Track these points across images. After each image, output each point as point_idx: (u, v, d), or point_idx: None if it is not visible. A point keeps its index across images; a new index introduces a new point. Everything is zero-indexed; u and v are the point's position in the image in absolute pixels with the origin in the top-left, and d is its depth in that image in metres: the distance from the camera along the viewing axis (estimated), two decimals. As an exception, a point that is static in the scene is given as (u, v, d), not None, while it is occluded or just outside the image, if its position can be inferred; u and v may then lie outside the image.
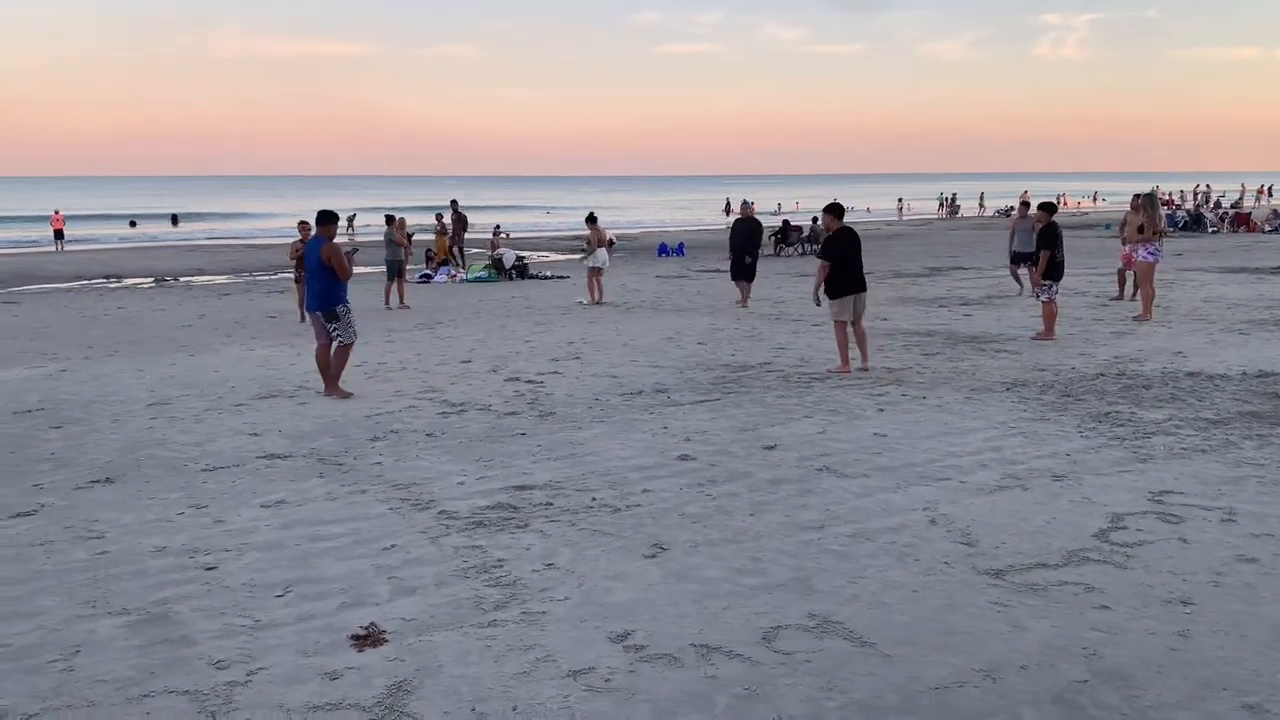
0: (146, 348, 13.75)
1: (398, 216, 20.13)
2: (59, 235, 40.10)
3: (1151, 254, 14.32)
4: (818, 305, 11.33)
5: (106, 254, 37.12)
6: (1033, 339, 12.74)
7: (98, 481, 7.15)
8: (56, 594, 5.12)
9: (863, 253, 10.96)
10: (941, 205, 68.76)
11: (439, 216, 27.60)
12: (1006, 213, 60.82)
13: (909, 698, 3.95)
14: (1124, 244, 15.88)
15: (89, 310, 19.04)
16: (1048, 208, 13.27)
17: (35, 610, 4.91)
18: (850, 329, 10.84)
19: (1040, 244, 12.69)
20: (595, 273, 18.53)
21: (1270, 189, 68.20)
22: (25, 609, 4.93)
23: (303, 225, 15.84)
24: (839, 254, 10.74)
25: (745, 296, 17.44)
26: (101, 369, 12.00)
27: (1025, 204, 19.48)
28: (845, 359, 10.81)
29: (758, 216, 18.97)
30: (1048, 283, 12.65)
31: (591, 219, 18.97)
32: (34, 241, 43.86)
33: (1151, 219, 14.51)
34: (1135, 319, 14.29)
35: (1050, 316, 12.79)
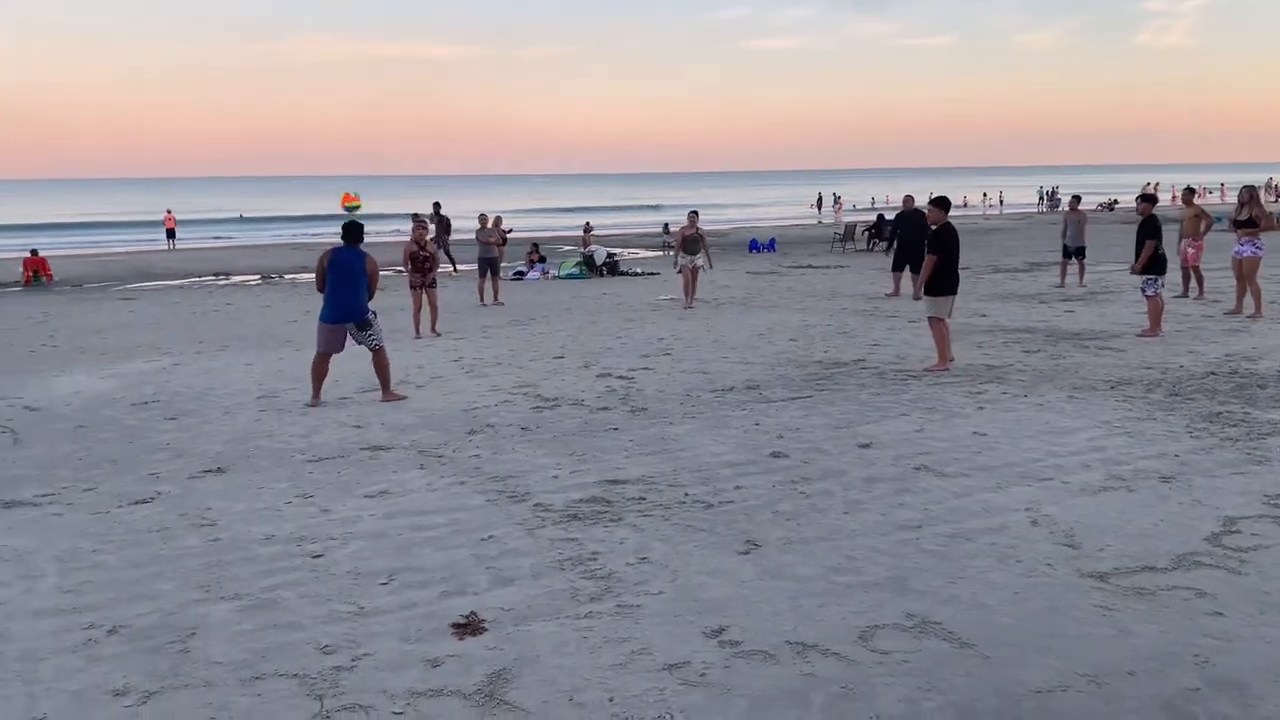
0: (254, 342, 14.22)
1: (491, 215, 20.42)
2: (170, 234, 41.71)
3: (1258, 249, 13.78)
4: (917, 300, 11.16)
5: (215, 252, 38.49)
6: (1138, 336, 12.35)
7: (210, 471, 7.43)
8: (173, 578, 5.34)
9: (961, 247, 10.77)
10: (1041, 199, 67.01)
11: (416, 218, 27.02)
12: (1110, 206, 58.94)
13: (1010, 701, 3.88)
14: (1181, 240, 15.63)
15: (199, 306, 19.77)
16: (1149, 199, 12.86)
17: (154, 593, 5.14)
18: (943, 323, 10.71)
19: (1143, 236, 12.30)
20: (695, 271, 17.36)
21: None
22: (145, 592, 5.16)
23: (417, 221, 15.71)
24: (946, 249, 10.57)
25: (898, 288, 17.49)
26: (212, 363, 12.46)
27: (1077, 198, 19.92)
28: (944, 353, 10.64)
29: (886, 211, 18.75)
30: (1152, 277, 12.25)
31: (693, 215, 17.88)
32: (148, 240, 45.72)
33: (1262, 212, 13.98)
34: (1235, 314, 13.77)
35: (1156, 312, 12.37)
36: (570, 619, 4.69)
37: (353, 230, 9.94)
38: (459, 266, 25.83)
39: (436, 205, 27.37)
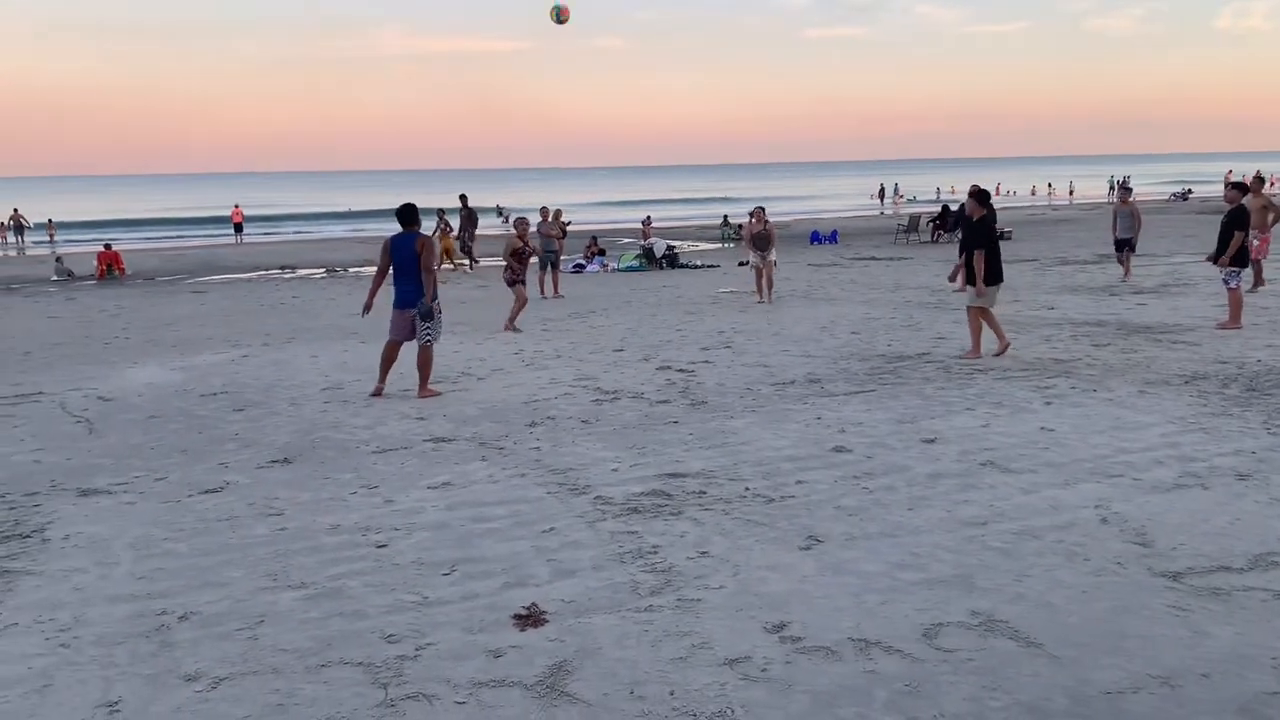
0: (320, 335, 14.45)
1: (551, 209, 20.50)
2: (238, 229, 42.57)
3: None
4: (951, 281, 11.25)
5: (281, 246, 39.19)
6: (1216, 328, 12.02)
7: (277, 462, 7.56)
8: (241, 566, 5.45)
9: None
10: (1112, 189, 65.51)
11: (441, 214, 26.51)
12: (1184, 196, 57.42)
13: (1078, 701, 3.80)
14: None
15: (266, 299, 20.15)
16: (1239, 187, 12.51)
17: (223, 581, 5.24)
18: (981, 315, 10.84)
19: (1230, 226, 11.97)
20: (768, 268, 16.75)
21: None
22: (214, 579, 5.27)
23: (521, 222, 15.57)
24: (990, 240, 10.65)
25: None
26: (279, 355, 12.69)
27: (1127, 189, 19.43)
28: (977, 344, 10.79)
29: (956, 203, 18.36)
30: (1235, 269, 11.93)
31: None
32: (218, 234, 46.75)
33: None
34: None
35: (1237, 304, 12.04)
36: (631, 612, 4.69)
37: (403, 214, 9.80)
38: (479, 261, 25.74)
39: (463, 198, 26.19)
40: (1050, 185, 70.17)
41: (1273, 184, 51.78)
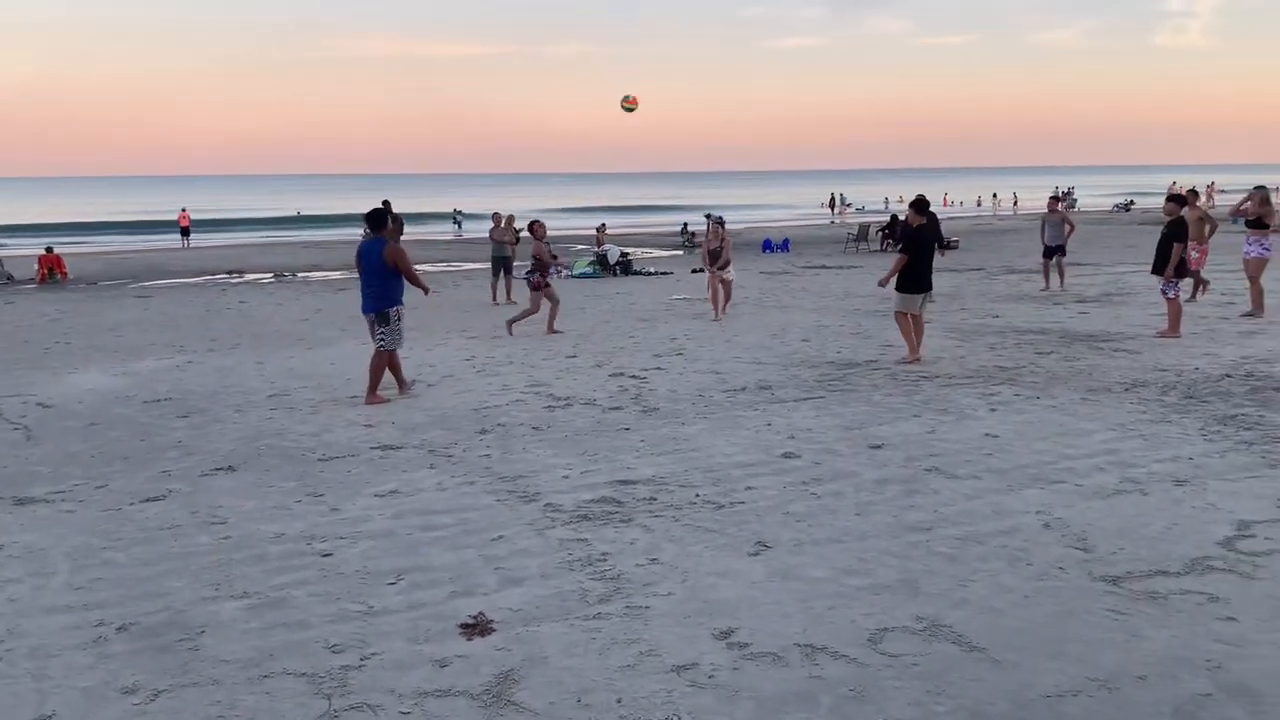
0: (266, 341, 14.27)
1: (504, 214, 20.42)
2: (185, 233, 41.89)
3: (1265, 249, 13.75)
4: (881, 287, 11.54)
5: (229, 250, 38.64)
6: (1155, 337, 12.28)
7: (221, 469, 7.45)
8: (183, 576, 5.35)
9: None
10: (1057, 200, 66.67)
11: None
12: (1126, 207, 58.60)
13: (1020, 705, 3.86)
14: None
15: (213, 304, 19.84)
16: (1177, 200, 12.82)
17: (164, 591, 5.15)
18: (913, 321, 11.18)
19: (1170, 239, 12.25)
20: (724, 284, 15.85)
21: None
22: (155, 589, 5.17)
23: (538, 226, 14.75)
24: (918, 249, 11.08)
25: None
26: (224, 361, 12.50)
27: (1055, 199, 19.98)
28: (912, 345, 11.10)
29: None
30: (1175, 280, 12.21)
31: (720, 222, 16.53)
32: (164, 238, 45.97)
33: (1270, 213, 13.94)
34: (1245, 315, 13.70)
35: (1175, 314, 12.32)
36: (579, 620, 4.68)
37: (371, 219, 9.86)
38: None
39: (386, 204, 25.54)
40: (995, 196, 71.34)
41: (1210, 196, 52.99)
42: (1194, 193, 16.76)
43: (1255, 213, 14.11)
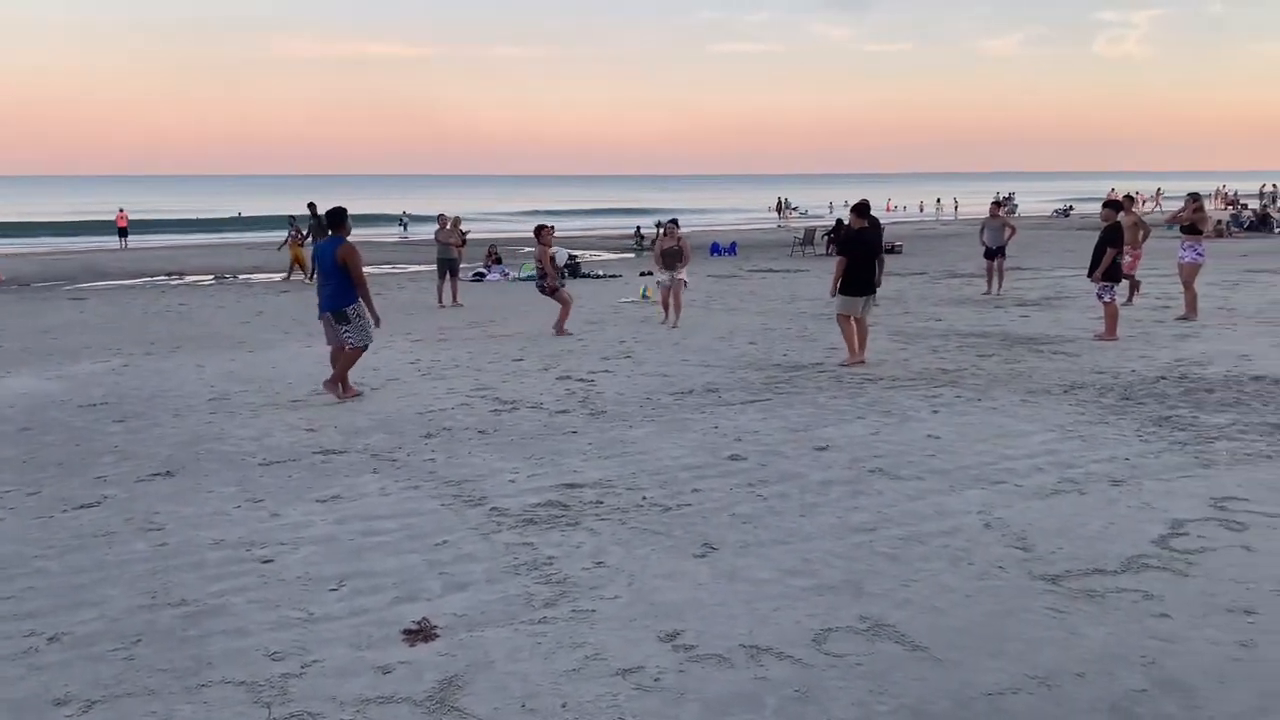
0: (207, 344, 14.02)
1: (450, 215, 20.29)
2: (123, 233, 41.04)
3: (1199, 255, 14.12)
4: (832, 296, 11.58)
5: (169, 251, 37.93)
6: (1093, 340, 12.53)
7: (158, 474, 7.30)
8: (118, 584, 5.23)
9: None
10: (998, 205, 67.74)
11: (293, 221, 25.15)
12: (1065, 213, 59.76)
13: (961, 704, 3.90)
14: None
15: (151, 306, 19.46)
16: (1113, 206, 13.12)
17: (98, 600, 5.03)
18: (856, 324, 11.26)
19: (1104, 243, 12.51)
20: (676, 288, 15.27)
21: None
22: (89, 598, 5.05)
23: (546, 230, 14.56)
24: (854, 253, 11.20)
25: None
26: (163, 364, 12.26)
27: (997, 203, 20.75)
28: (852, 348, 11.21)
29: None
30: (1108, 284, 12.49)
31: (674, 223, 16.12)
32: (101, 239, 44.96)
33: (1203, 219, 14.32)
34: (1179, 319, 14.04)
35: (1112, 317, 12.58)
36: (524, 624, 4.65)
37: (330, 218, 9.86)
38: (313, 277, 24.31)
39: (311, 206, 22.72)
40: (939, 201, 72.45)
41: (1143, 201, 54.21)
42: (1129, 198, 17.17)
43: (1189, 219, 14.47)
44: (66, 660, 4.37)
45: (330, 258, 9.60)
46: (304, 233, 24.29)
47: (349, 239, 9.78)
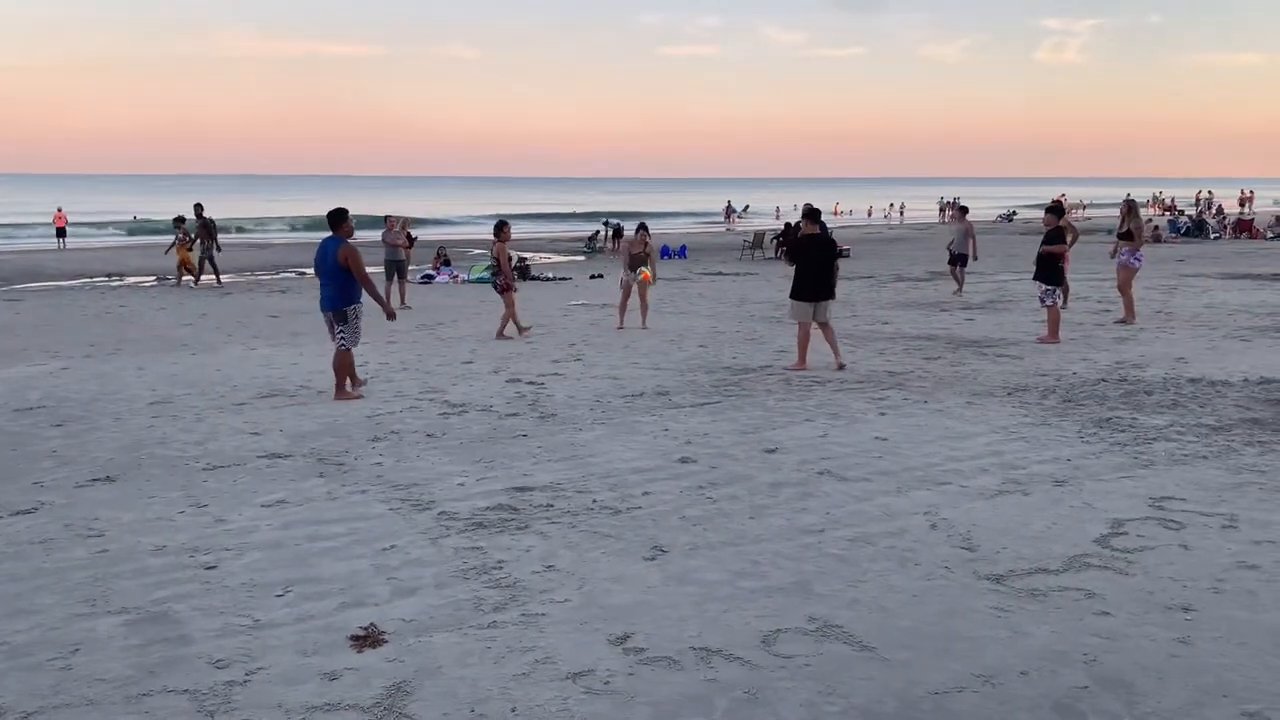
0: (148, 346, 13.75)
1: (398, 217, 20.11)
2: (61, 234, 40.12)
3: (1136, 260, 14.42)
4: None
5: (108, 252, 37.14)
6: (1036, 342, 12.75)
7: (98, 480, 7.15)
8: (56, 592, 5.11)
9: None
10: (942, 210, 68.74)
11: (180, 223, 23.96)
12: (1009, 218, 60.74)
13: (908, 703, 3.95)
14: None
15: (91, 308, 19.04)
16: (1056, 211, 13.36)
17: (35, 608, 4.91)
18: (821, 330, 11.30)
19: (1048, 246, 12.76)
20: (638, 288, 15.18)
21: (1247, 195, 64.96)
22: (25, 607, 4.93)
23: (503, 226, 14.10)
24: (801, 259, 11.34)
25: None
26: (103, 367, 12.00)
27: (963, 209, 21.03)
28: (802, 356, 11.24)
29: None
30: (1050, 287, 12.73)
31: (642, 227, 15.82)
32: (37, 239, 43.90)
33: (1139, 225, 14.61)
34: (1118, 322, 14.37)
35: (1054, 320, 12.82)
36: (473, 629, 4.62)
37: (329, 218, 9.99)
38: (221, 278, 23.69)
39: (198, 208, 23.30)
40: (891, 205, 73.33)
41: (1070, 208, 55.34)
42: (1057, 203, 17.45)
43: (1129, 227, 14.68)
44: (1, 671, 4.26)
45: (331, 258, 9.69)
46: (191, 236, 23.39)
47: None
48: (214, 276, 23.48)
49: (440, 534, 5.90)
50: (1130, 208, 15.04)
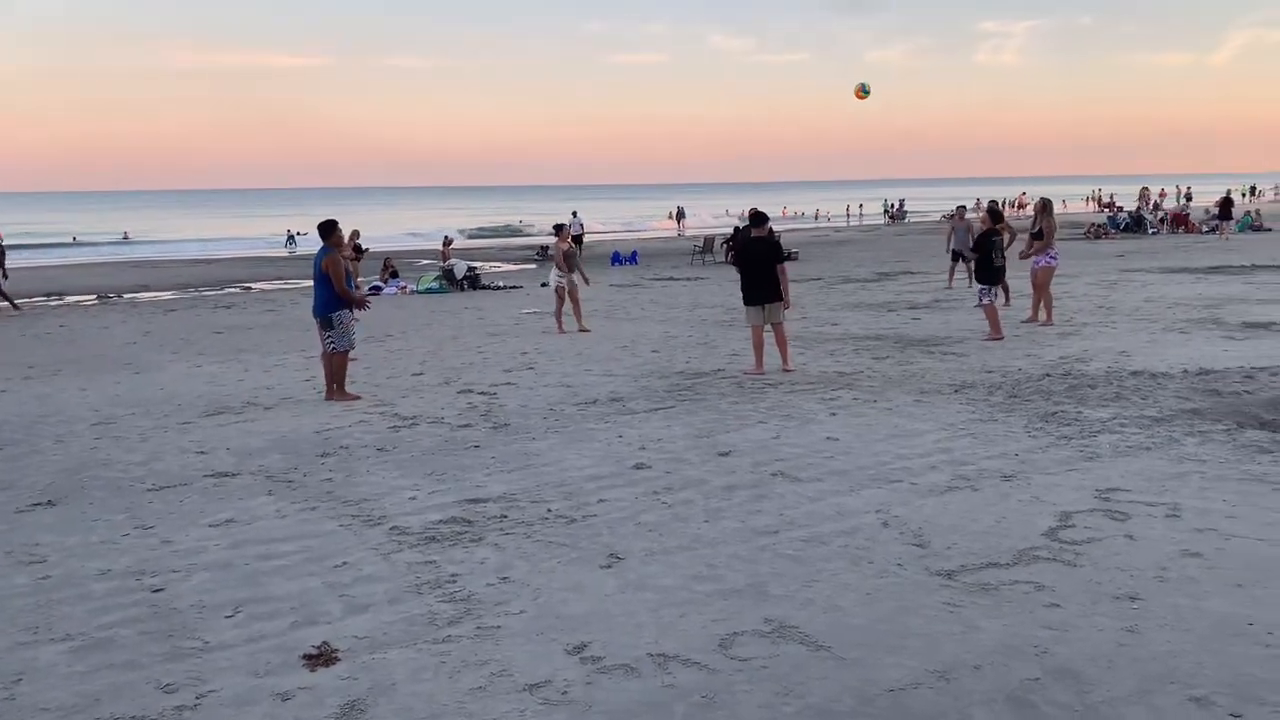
0: (90, 366, 13.47)
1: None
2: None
3: (1052, 259, 14.22)
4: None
5: (48, 271, 36.36)
6: (982, 340, 12.93)
7: (39, 504, 6.98)
8: (-3, 621, 4.99)
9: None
10: (887, 212, 69.51)
11: None
12: (950, 218, 61.65)
13: (864, 701, 3.97)
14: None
15: (30, 329, 18.62)
16: (994, 214, 13.55)
17: (-26, 638, 4.78)
18: (772, 331, 11.33)
19: (981, 245, 12.98)
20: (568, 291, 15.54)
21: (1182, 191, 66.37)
22: (-36, 637, 4.80)
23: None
24: (745, 263, 11.43)
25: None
26: (43, 388, 11.74)
27: (962, 207, 21.82)
28: (758, 360, 11.26)
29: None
30: (986, 286, 12.96)
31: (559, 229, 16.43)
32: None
33: (1051, 225, 14.37)
34: (1031, 323, 14.15)
35: (993, 317, 13.01)
36: (428, 644, 4.58)
37: (320, 229, 10.53)
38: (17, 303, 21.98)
39: None
40: (848, 207, 74.18)
41: (1022, 206, 56.29)
42: (993, 205, 17.66)
43: (1040, 227, 14.50)
44: (-60, 704, 4.15)
45: (317, 267, 10.32)
46: None
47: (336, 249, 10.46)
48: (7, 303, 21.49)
49: (393, 549, 5.84)
50: (1045, 206, 14.80)
